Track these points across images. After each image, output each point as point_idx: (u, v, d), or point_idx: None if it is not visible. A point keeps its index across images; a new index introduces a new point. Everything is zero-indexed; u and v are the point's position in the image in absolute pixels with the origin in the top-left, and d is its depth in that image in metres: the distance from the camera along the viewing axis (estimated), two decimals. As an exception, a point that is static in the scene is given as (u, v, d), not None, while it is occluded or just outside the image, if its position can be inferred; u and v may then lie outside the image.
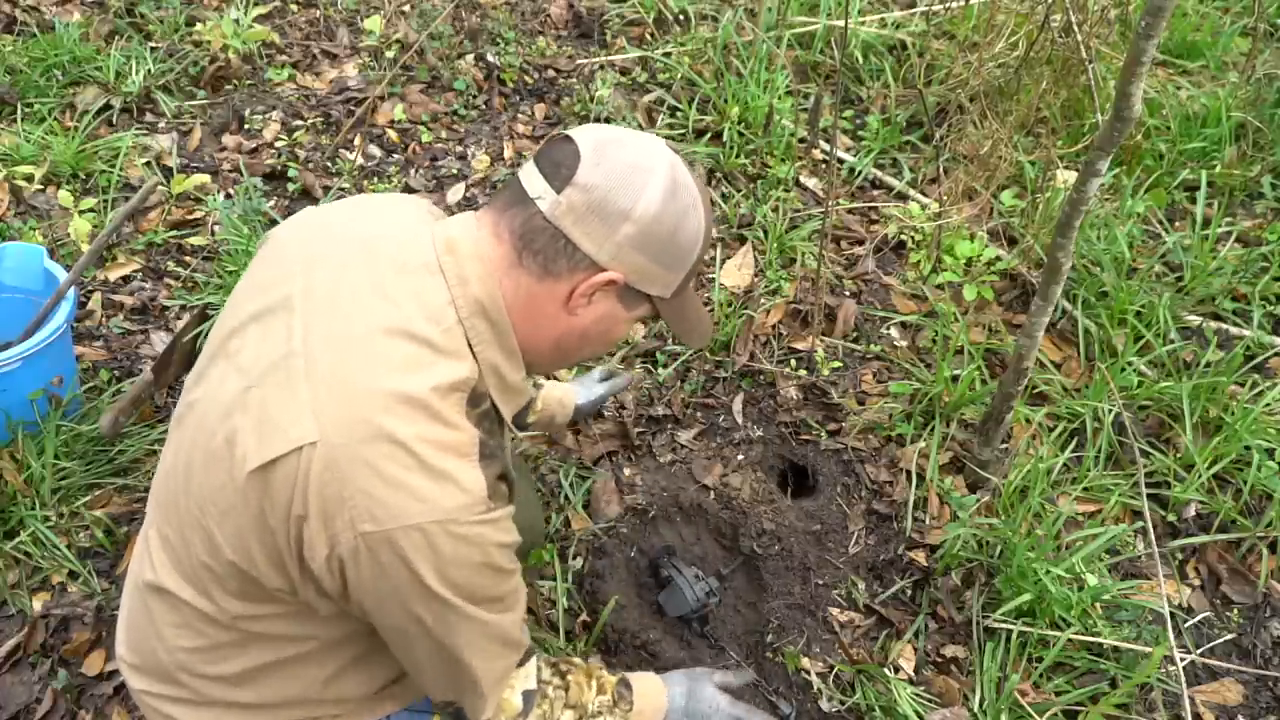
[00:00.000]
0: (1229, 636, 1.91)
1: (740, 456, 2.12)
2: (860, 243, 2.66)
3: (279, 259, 1.16)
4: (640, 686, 1.40)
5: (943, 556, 1.92)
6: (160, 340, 2.29)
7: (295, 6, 3.46)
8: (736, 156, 2.85)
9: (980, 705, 1.74)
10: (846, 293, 2.49)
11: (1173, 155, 2.82)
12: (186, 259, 2.52)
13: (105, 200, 2.57)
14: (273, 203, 2.67)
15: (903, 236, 2.65)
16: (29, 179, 2.60)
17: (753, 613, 1.91)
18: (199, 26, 3.11)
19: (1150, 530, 1.76)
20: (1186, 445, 2.08)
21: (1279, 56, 3.19)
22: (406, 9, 3.36)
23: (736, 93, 2.94)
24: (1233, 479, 2.08)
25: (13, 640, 1.75)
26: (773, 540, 1.94)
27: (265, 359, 1.04)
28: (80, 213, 2.45)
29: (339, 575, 1.00)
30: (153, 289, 2.43)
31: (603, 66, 3.21)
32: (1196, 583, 2.00)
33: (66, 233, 2.43)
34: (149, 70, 2.97)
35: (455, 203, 2.75)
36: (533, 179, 1.07)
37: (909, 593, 1.94)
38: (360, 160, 2.84)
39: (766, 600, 1.90)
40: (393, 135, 2.93)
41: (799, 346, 2.34)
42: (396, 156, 2.89)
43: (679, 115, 2.99)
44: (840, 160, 2.90)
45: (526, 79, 3.17)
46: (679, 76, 3.10)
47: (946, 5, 3.15)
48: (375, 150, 2.90)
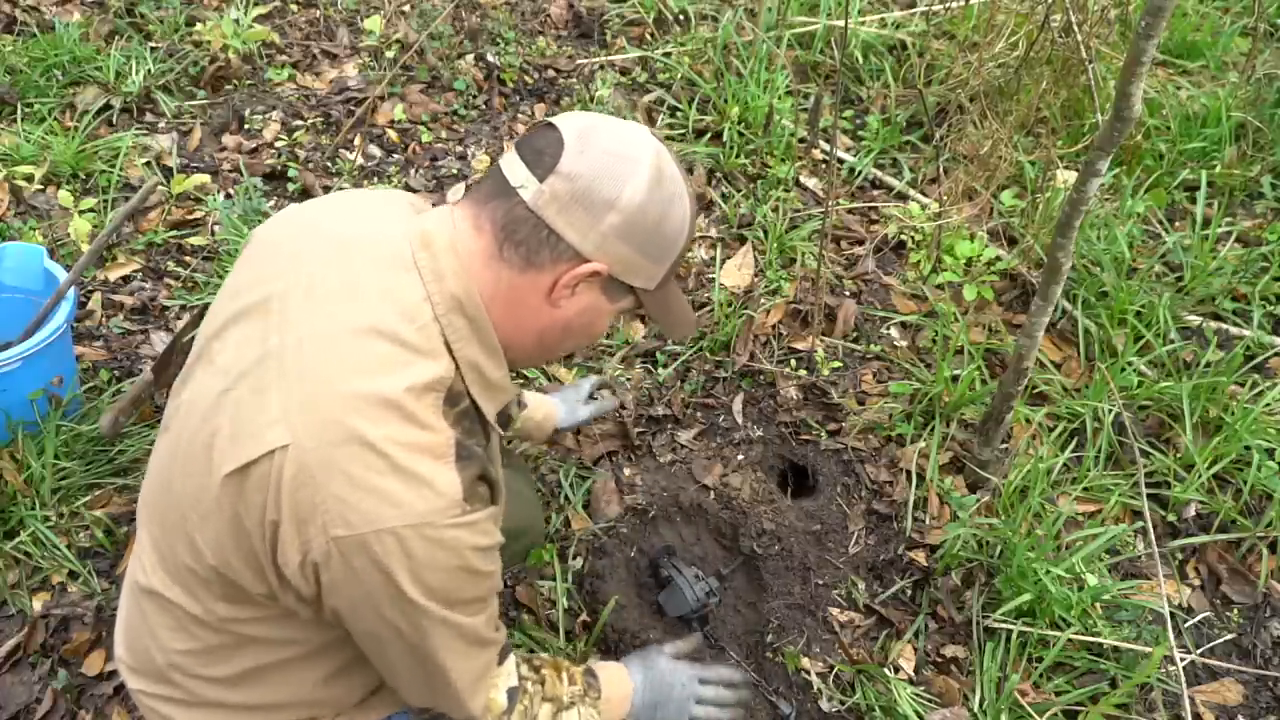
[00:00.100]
0: (1229, 636, 1.91)
1: (740, 456, 2.12)
2: (860, 243, 2.66)
3: (260, 259, 1.14)
4: (605, 674, 1.42)
5: (943, 556, 1.92)
6: (160, 340, 2.29)
7: (295, 6, 3.46)
8: (736, 156, 2.85)
9: (980, 705, 1.74)
10: (846, 293, 2.49)
11: (1173, 155, 2.82)
12: (186, 259, 2.52)
13: (105, 200, 2.57)
14: (273, 203, 2.67)
15: (903, 236, 2.65)
16: (29, 179, 2.60)
17: (753, 613, 1.91)
18: (199, 26, 3.11)
19: (1150, 530, 1.76)
20: (1186, 445, 2.08)
21: (1279, 56, 3.19)
22: (406, 9, 3.36)
23: (736, 93, 2.94)
24: (1233, 479, 2.08)
25: (13, 640, 1.75)
26: (773, 540, 1.94)
27: (243, 362, 1.04)
28: (80, 213, 2.45)
29: (313, 580, 0.99)
30: (153, 289, 2.43)
31: (603, 66, 3.21)
32: (1196, 583, 2.00)
33: (66, 233, 2.43)
34: (149, 70, 2.97)
35: (455, 203, 2.75)
36: (515, 168, 1.04)
37: (909, 593, 1.94)
38: (360, 160, 2.84)
39: (766, 600, 1.90)
40: (393, 135, 2.93)
41: (799, 346, 2.34)
42: (396, 156, 2.89)
43: (679, 115, 2.99)
44: (840, 160, 2.90)
45: (526, 79, 3.17)
46: (679, 76, 3.10)
47: (946, 5, 3.15)
48: (375, 150, 2.90)
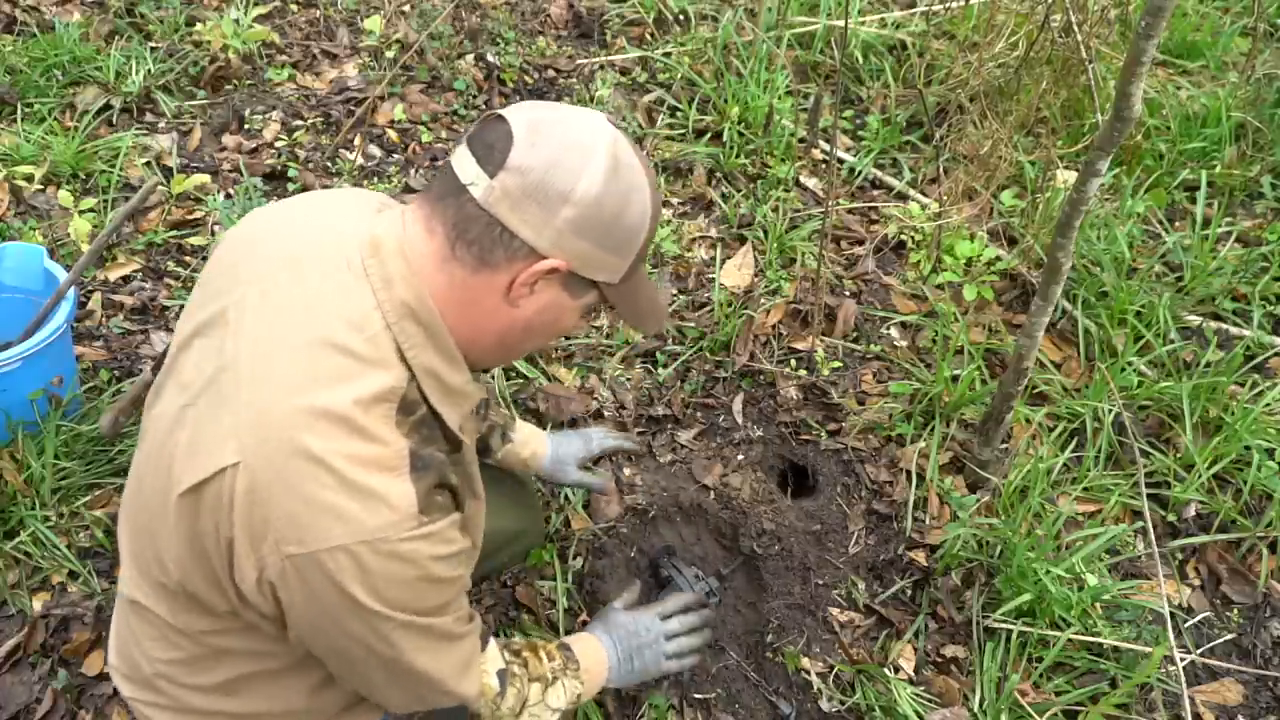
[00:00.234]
0: (1229, 636, 1.91)
1: (740, 456, 2.12)
2: (860, 243, 2.66)
3: (223, 267, 1.13)
4: (578, 646, 1.44)
5: (943, 556, 1.92)
6: (160, 340, 2.29)
7: (295, 6, 3.46)
8: (736, 156, 2.85)
9: (980, 705, 1.74)
10: (846, 293, 2.49)
11: (1173, 155, 2.82)
12: (186, 259, 2.52)
13: (105, 200, 2.57)
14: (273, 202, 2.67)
15: (903, 236, 2.65)
16: (29, 179, 2.60)
17: (753, 613, 1.91)
18: (199, 26, 3.11)
19: (1150, 530, 1.76)
20: (1186, 445, 2.08)
21: (1279, 56, 3.19)
22: (406, 9, 3.36)
23: (736, 93, 2.94)
24: (1233, 479, 2.08)
25: (13, 640, 1.75)
26: (773, 540, 1.94)
27: (202, 376, 1.03)
28: (80, 213, 2.45)
29: (272, 598, 0.98)
30: (153, 289, 2.43)
31: (603, 66, 3.21)
32: (1196, 583, 2.00)
33: (66, 233, 2.43)
34: (149, 70, 2.97)
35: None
36: (465, 164, 1.00)
37: (909, 593, 1.94)
38: (360, 160, 2.84)
39: (766, 600, 1.90)
40: (393, 135, 2.93)
41: (799, 346, 2.34)
42: (396, 156, 2.89)
43: (679, 115, 2.99)
44: (840, 160, 2.90)
45: (526, 79, 3.17)
46: (679, 76, 3.10)
47: (946, 5, 3.15)
48: (375, 150, 2.90)
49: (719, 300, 2.41)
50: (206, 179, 2.70)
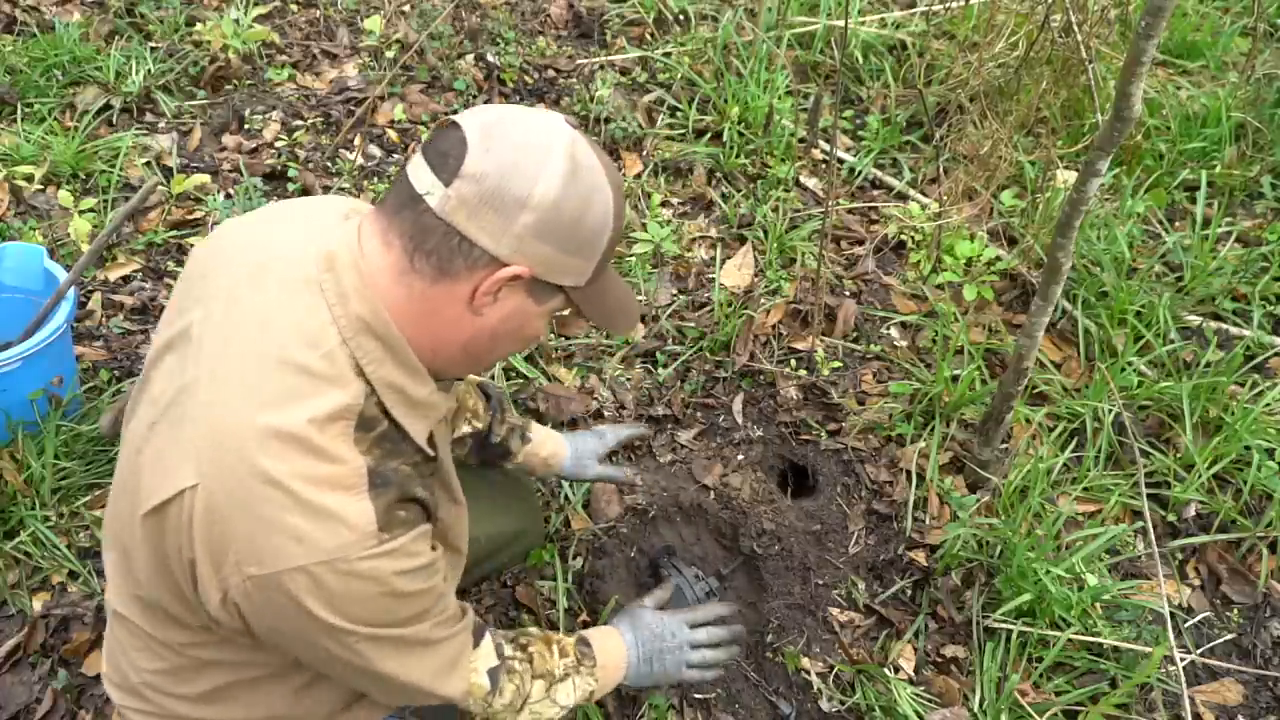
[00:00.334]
0: (1229, 636, 1.91)
1: (740, 456, 2.12)
2: (860, 243, 2.66)
3: (191, 281, 1.12)
4: (598, 641, 1.41)
5: (943, 556, 1.92)
6: (160, 340, 2.29)
7: (295, 6, 3.46)
8: (736, 156, 2.85)
9: (980, 705, 1.74)
10: (846, 293, 2.49)
11: (1173, 155, 2.82)
12: (186, 259, 2.51)
13: (105, 200, 2.57)
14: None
15: (903, 236, 2.65)
16: (29, 179, 2.60)
17: (753, 613, 1.91)
18: (199, 26, 3.11)
19: (1150, 530, 1.76)
20: (1186, 445, 2.08)
21: (1279, 56, 3.19)
22: (406, 9, 3.36)
23: (736, 93, 2.94)
24: (1233, 479, 2.08)
25: (13, 640, 1.75)
26: (773, 540, 1.94)
27: (166, 394, 1.02)
28: (80, 213, 2.45)
29: (238, 616, 0.98)
30: (153, 289, 2.43)
31: (603, 66, 3.21)
32: (1196, 583, 2.00)
33: (66, 233, 2.43)
34: (149, 70, 2.97)
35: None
36: (420, 173, 0.98)
37: (909, 593, 1.94)
38: (360, 160, 2.84)
39: (766, 600, 1.90)
40: (393, 135, 2.93)
41: (799, 346, 2.34)
42: (396, 156, 2.89)
43: (679, 115, 2.99)
44: (840, 160, 2.90)
45: (526, 79, 3.17)
46: (679, 76, 3.10)
47: (946, 5, 3.15)
48: (375, 150, 2.90)
49: (719, 300, 2.41)
50: (206, 179, 2.70)
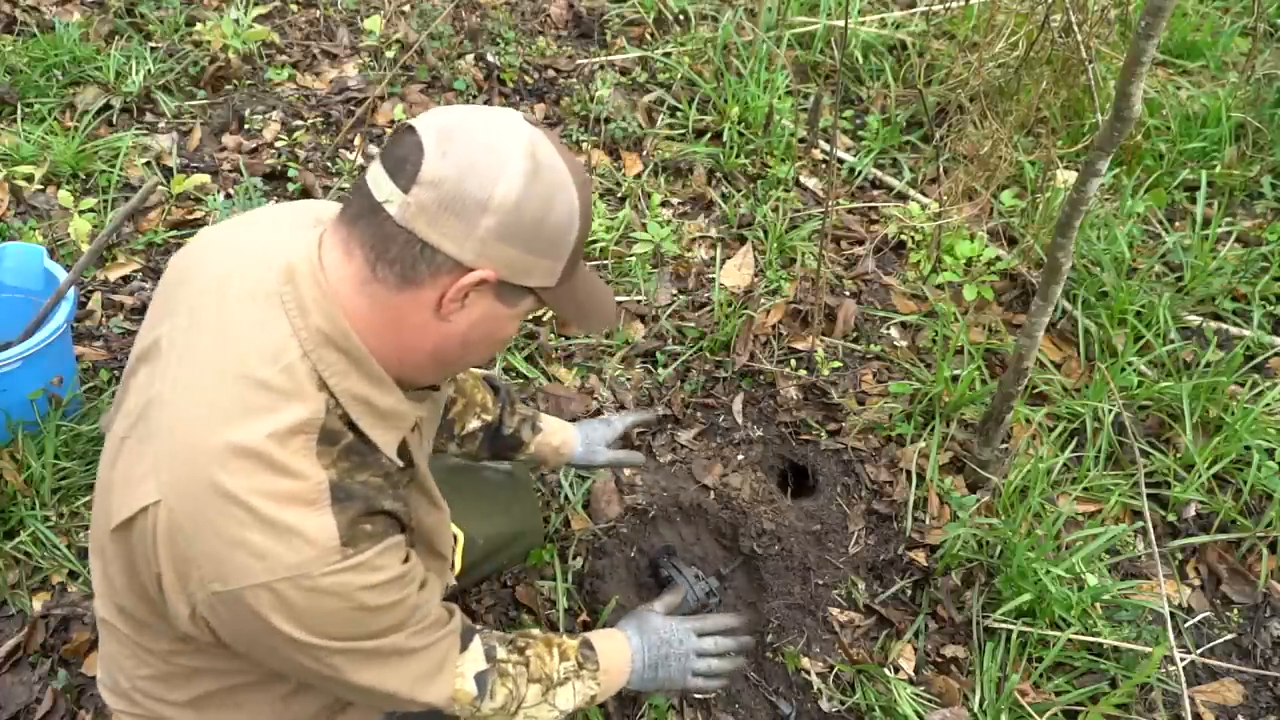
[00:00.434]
0: (1229, 636, 1.91)
1: (740, 456, 2.12)
2: (860, 243, 2.66)
3: (165, 292, 1.11)
4: (602, 645, 1.39)
5: (943, 556, 1.92)
6: (160, 340, 2.29)
7: (295, 6, 3.46)
8: (736, 156, 2.85)
9: (980, 705, 1.74)
10: (846, 293, 2.49)
11: (1173, 155, 2.82)
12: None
13: (105, 200, 2.57)
14: (273, 203, 2.68)
15: (903, 236, 2.65)
16: (29, 179, 2.60)
17: (753, 613, 1.91)
18: (199, 26, 3.11)
19: (1150, 530, 1.76)
20: (1186, 445, 2.08)
21: (1279, 56, 3.19)
22: (406, 9, 3.36)
23: (736, 93, 2.94)
24: (1233, 479, 2.08)
25: (13, 640, 1.75)
26: (773, 540, 1.94)
27: (136, 409, 1.02)
28: (80, 213, 2.45)
29: (208, 630, 0.98)
30: (153, 289, 2.43)
31: (603, 66, 3.21)
32: (1196, 583, 2.00)
33: (66, 233, 2.43)
34: (149, 70, 2.97)
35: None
36: (379, 181, 0.97)
37: (909, 593, 1.94)
38: (360, 160, 2.84)
39: (766, 600, 1.90)
40: (393, 135, 2.93)
41: (799, 346, 2.34)
42: (396, 156, 2.89)
43: (679, 115, 2.99)
44: (840, 160, 2.90)
45: (526, 79, 3.17)
46: (679, 76, 3.10)
47: (946, 5, 3.15)
48: (375, 150, 2.90)
49: (719, 300, 2.41)
50: (206, 179, 2.70)
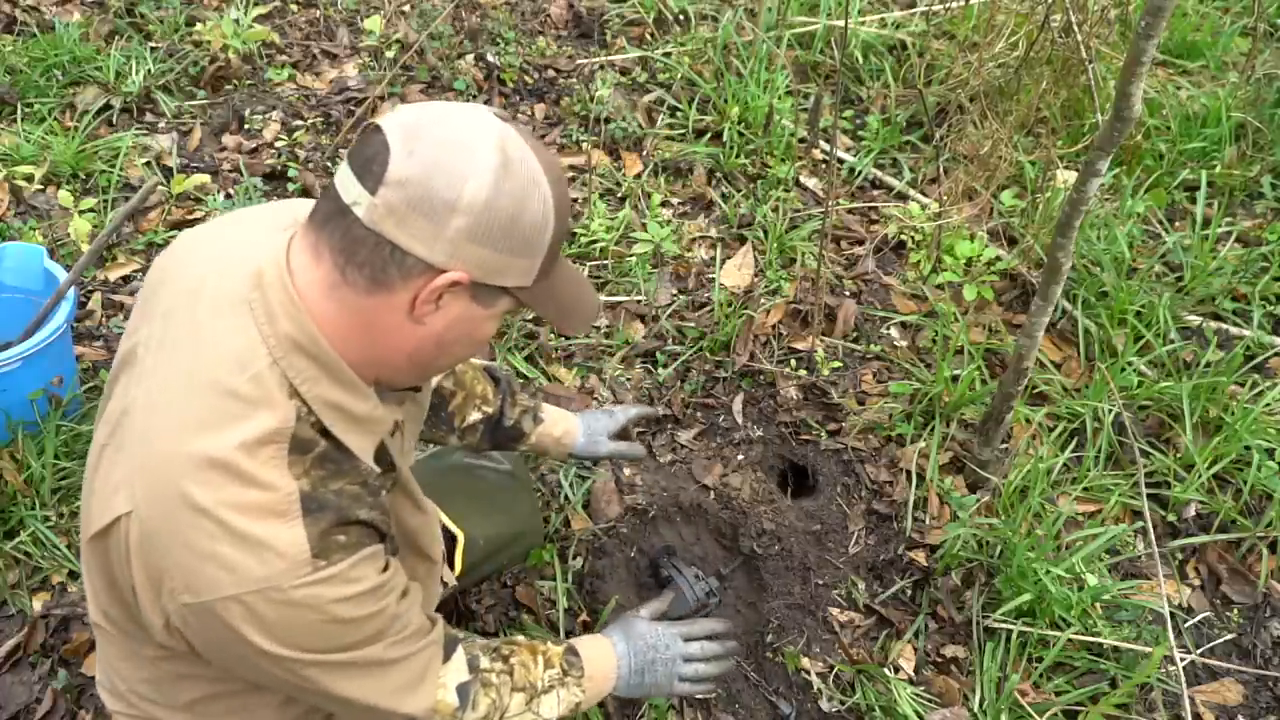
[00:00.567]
0: (1229, 636, 1.91)
1: (740, 456, 2.12)
2: (860, 243, 2.66)
3: (145, 297, 1.10)
4: (588, 651, 1.38)
5: (943, 556, 1.92)
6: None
7: (295, 6, 3.46)
8: (736, 156, 2.85)
9: (980, 705, 1.74)
10: (846, 293, 2.49)
11: (1173, 155, 2.82)
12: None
13: (105, 200, 2.57)
14: (272, 203, 2.67)
15: (903, 236, 2.65)
16: (29, 179, 2.60)
17: (753, 613, 1.91)
18: (199, 26, 3.11)
19: (1150, 530, 1.76)
20: (1186, 445, 2.08)
21: (1279, 56, 3.19)
22: (406, 9, 3.36)
23: (736, 93, 2.94)
24: (1233, 479, 2.08)
25: (13, 640, 1.75)
26: (773, 540, 1.94)
27: (115, 415, 1.01)
28: (80, 213, 2.45)
29: (183, 640, 0.98)
30: (153, 289, 2.43)
31: (603, 66, 3.21)
32: (1196, 583, 2.00)
33: (66, 233, 2.43)
34: (149, 70, 2.97)
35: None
36: (347, 182, 0.93)
37: (909, 593, 1.94)
38: (360, 160, 2.84)
39: (766, 600, 1.90)
40: (393, 135, 2.93)
41: (799, 346, 2.34)
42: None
43: (679, 115, 2.99)
44: (840, 160, 2.90)
45: (526, 79, 3.17)
46: (679, 76, 3.10)
47: (946, 5, 3.15)
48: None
49: (719, 300, 2.41)
50: (206, 179, 2.70)
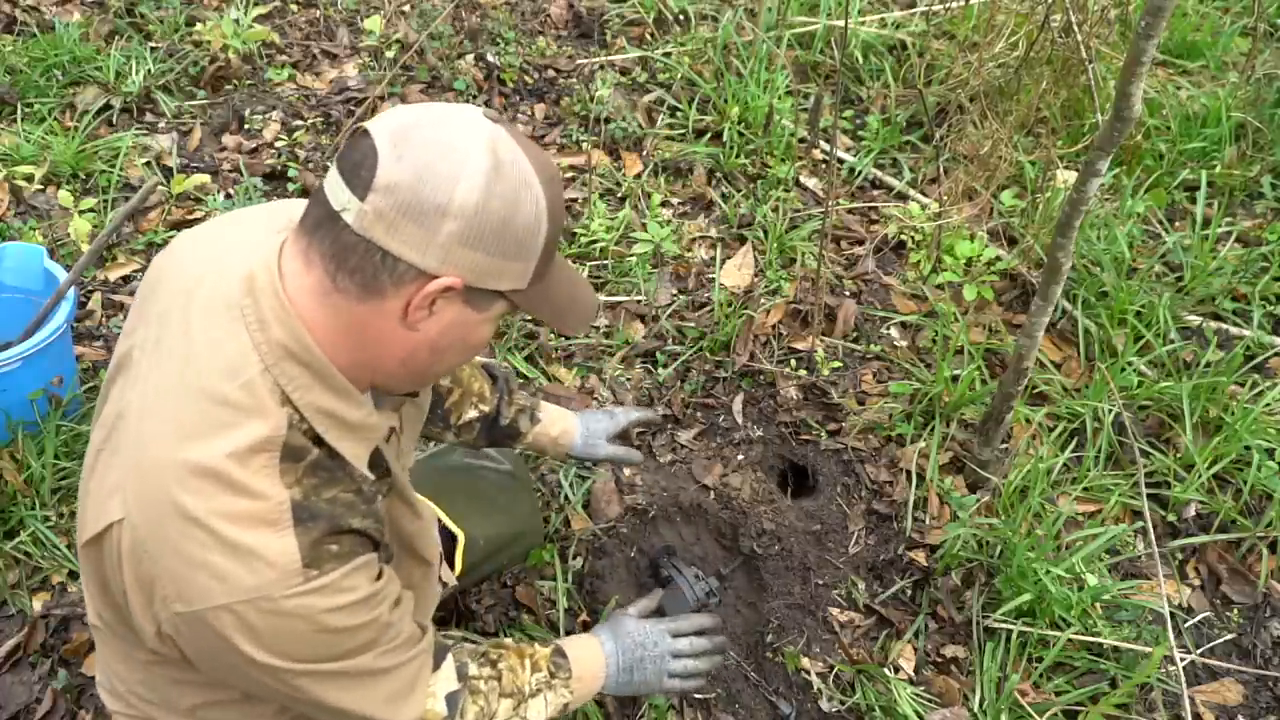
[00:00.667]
0: (1229, 636, 1.91)
1: (740, 456, 2.12)
2: (860, 243, 2.66)
3: (141, 299, 1.09)
4: (575, 651, 1.38)
5: (943, 556, 1.92)
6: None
7: (295, 6, 3.46)
8: (736, 156, 2.85)
9: (980, 705, 1.74)
10: (846, 293, 2.49)
11: (1173, 155, 2.82)
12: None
13: (105, 200, 2.57)
14: (271, 203, 2.67)
15: (903, 236, 2.65)
16: (29, 179, 2.60)
17: (753, 613, 1.91)
18: (199, 26, 3.11)
19: (1150, 530, 1.76)
20: (1186, 445, 2.08)
21: (1279, 56, 3.19)
22: (406, 9, 3.36)
23: (736, 93, 2.94)
24: (1233, 479, 2.08)
25: (13, 640, 1.75)
26: (773, 540, 1.94)
27: (110, 418, 1.01)
28: (80, 213, 2.45)
29: (175, 648, 0.97)
30: (153, 289, 2.43)
31: (603, 66, 3.21)
32: (1196, 583, 2.00)
33: (66, 233, 2.43)
34: (149, 70, 2.97)
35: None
36: (336, 188, 0.92)
37: (909, 593, 1.94)
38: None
39: (766, 600, 1.90)
40: (393, 135, 2.93)
41: (799, 346, 2.34)
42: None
43: (679, 115, 2.99)
44: (840, 160, 2.90)
45: (526, 79, 3.17)
46: (679, 76, 3.10)
47: (946, 5, 3.15)
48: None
49: (719, 300, 2.41)
50: (206, 179, 2.70)
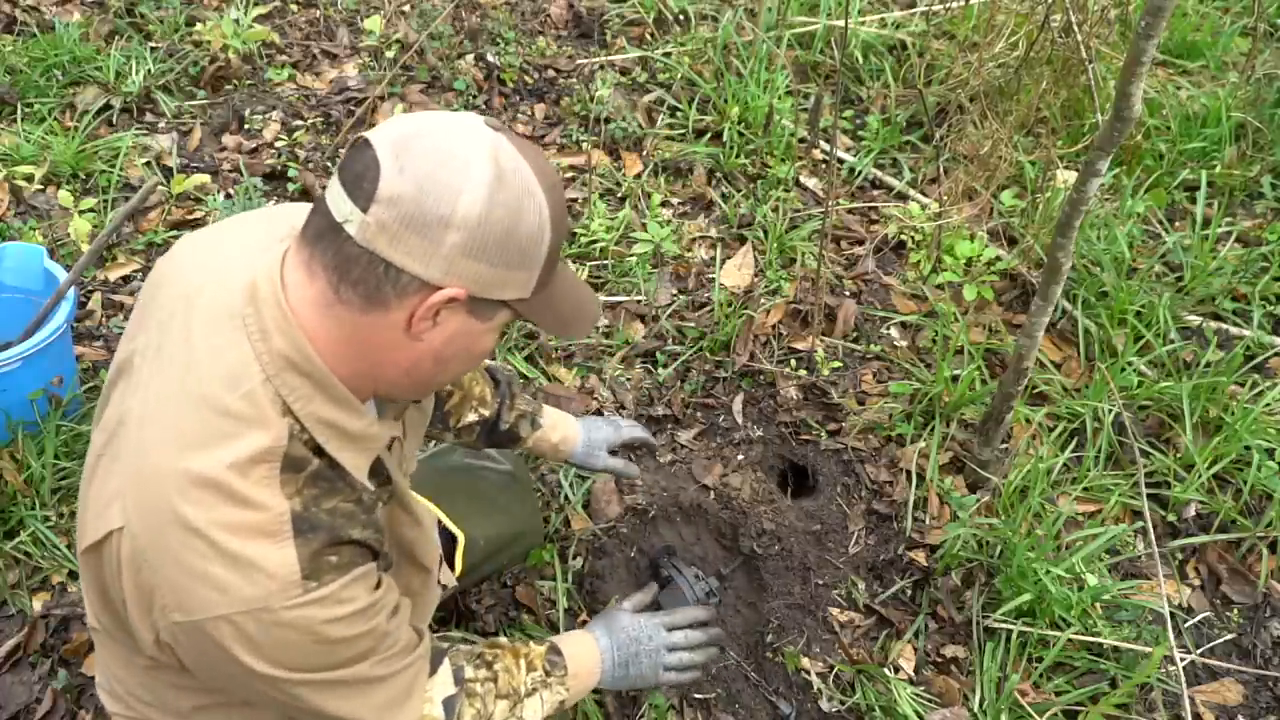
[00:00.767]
0: (1229, 636, 1.91)
1: (740, 456, 2.12)
2: (860, 243, 2.66)
3: (143, 304, 1.09)
4: (570, 649, 1.37)
5: (943, 556, 1.92)
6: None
7: (295, 6, 3.46)
8: (736, 156, 2.85)
9: (980, 705, 1.74)
10: (846, 293, 2.49)
11: (1173, 155, 2.82)
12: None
13: (105, 200, 2.57)
14: (272, 202, 2.68)
15: (903, 236, 2.65)
16: (29, 179, 2.60)
17: (753, 613, 1.91)
18: (199, 26, 3.11)
19: (1150, 530, 1.76)
20: (1186, 445, 2.08)
21: (1279, 56, 3.19)
22: (406, 9, 3.36)
23: (736, 93, 2.94)
24: (1233, 479, 2.08)
25: (13, 640, 1.75)
26: (773, 540, 1.94)
27: (111, 423, 1.00)
28: (80, 213, 2.45)
29: (173, 656, 0.97)
30: (153, 289, 2.43)
31: (603, 66, 3.21)
32: (1196, 583, 2.00)
33: (66, 233, 2.43)
34: (149, 70, 2.97)
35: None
36: (338, 199, 0.92)
37: (909, 593, 1.94)
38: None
39: (766, 600, 1.90)
40: (393, 135, 2.93)
41: (799, 346, 2.34)
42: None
43: (679, 115, 2.99)
44: (840, 160, 2.90)
45: (526, 79, 3.17)
46: (679, 76, 3.10)
47: (946, 5, 3.15)
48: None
49: (719, 300, 2.41)
50: (206, 179, 2.70)
